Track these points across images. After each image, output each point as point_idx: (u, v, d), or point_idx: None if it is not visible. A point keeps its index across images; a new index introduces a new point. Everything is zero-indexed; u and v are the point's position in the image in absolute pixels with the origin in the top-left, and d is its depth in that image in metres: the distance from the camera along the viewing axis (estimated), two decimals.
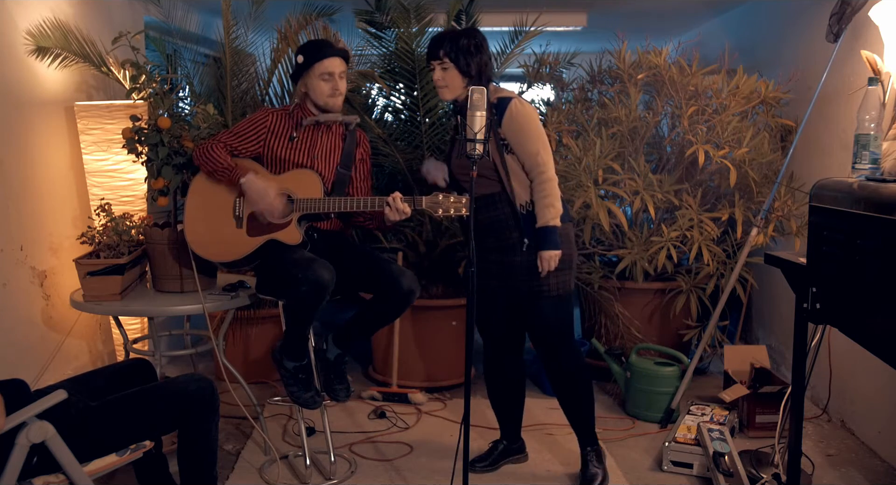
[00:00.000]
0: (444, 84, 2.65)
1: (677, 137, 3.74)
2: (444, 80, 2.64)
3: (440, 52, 2.62)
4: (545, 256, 2.62)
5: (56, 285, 3.10)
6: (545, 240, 2.63)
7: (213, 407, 2.16)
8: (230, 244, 2.68)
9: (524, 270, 2.66)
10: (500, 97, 2.66)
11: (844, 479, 2.89)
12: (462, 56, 2.60)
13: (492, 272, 2.72)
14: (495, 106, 2.63)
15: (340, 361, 2.78)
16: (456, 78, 2.63)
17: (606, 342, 3.83)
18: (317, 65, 2.67)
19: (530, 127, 2.64)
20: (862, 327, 1.98)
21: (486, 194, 2.67)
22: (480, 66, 2.64)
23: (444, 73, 2.64)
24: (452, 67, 2.62)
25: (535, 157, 2.62)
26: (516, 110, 2.62)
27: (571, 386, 2.80)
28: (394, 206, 2.56)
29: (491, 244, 2.70)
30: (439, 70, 2.64)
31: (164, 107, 2.93)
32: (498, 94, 2.67)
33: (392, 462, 3.01)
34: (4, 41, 2.83)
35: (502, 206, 2.67)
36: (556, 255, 2.63)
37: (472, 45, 2.63)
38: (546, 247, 2.62)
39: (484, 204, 2.68)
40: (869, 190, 1.90)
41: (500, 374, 2.93)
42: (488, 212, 2.68)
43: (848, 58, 3.19)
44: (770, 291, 4.06)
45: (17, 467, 1.84)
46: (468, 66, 2.61)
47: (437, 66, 2.65)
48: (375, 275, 2.66)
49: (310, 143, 2.75)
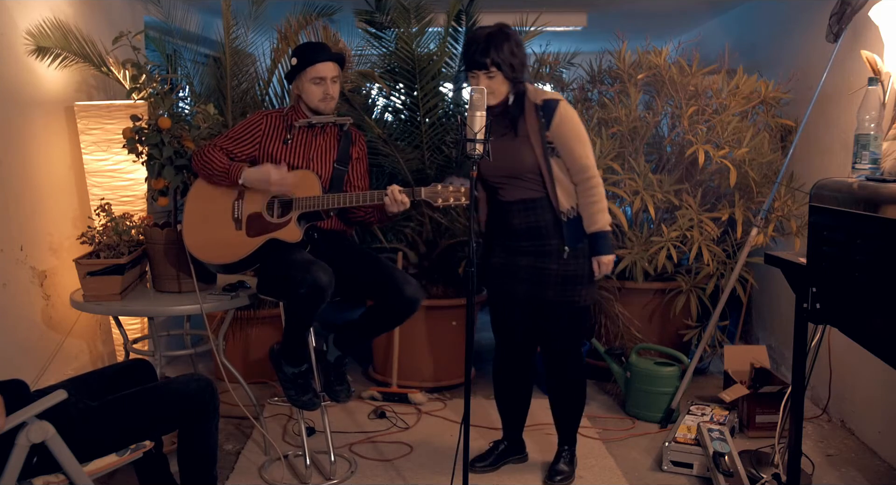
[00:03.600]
0: (490, 91, 2.52)
1: (677, 137, 3.74)
2: (490, 87, 2.52)
3: (487, 62, 2.50)
4: (603, 260, 2.63)
5: (56, 285, 3.10)
6: (601, 245, 2.62)
7: (213, 407, 2.16)
8: (230, 246, 2.68)
9: (558, 278, 2.63)
10: (546, 99, 2.59)
11: (844, 479, 2.89)
12: (509, 63, 2.51)
13: (520, 277, 2.67)
14: (542, 108, 2.57)
15: (341, 363, 2.78)
16: (502, 84, 2.55)
17: (606, 342, 3.83)
18: (309, 69, 2.66)
19: (579, 129, 2.60)
20: (862, 327, 1.98)
21: (527, 199, 2.62)
22: (523, 65, 2.57)
23: (489, 82, 2.53)
24: (499, 75, 2.53)
25: (583, 159, 2.59)
26: (565, 112, 2.57)
27: (571, 392, 2.83)
28: (392, 197, 2.55)
29: (525, 248, 2.66)
30: (484, 79, 2.53)
31: (165, 107, 2.93)
32: (543, 97, 2.60)
33: (392, 462, 3.01)
34: (4, 41, 2.83)
35: (543, 211, 2.61)
36: (612, 259, 2.64)
37: (514, 45, 2.54)
38: (602, 252, 2.62)
39: (522, 208, 2.62)
40: (869, 190, 1.90)
41: (511, 376, 2.91)
42: (527, 217, 2.62)
43: (848, 58, 3.19)
44: (770, 291, 4.06)
45: (17, 467, 1.84)
46: (514, 71, 2.53)
47: (481, 76, 2.53)
48: (380, 282, 2.65)
49: (305, 144, 2.76)
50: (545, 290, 2.64)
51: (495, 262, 2.74)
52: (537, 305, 2.70)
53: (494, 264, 2.75)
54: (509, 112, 2.60)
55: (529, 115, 2.58)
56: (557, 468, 2.85)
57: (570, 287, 2.63)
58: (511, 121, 2.59)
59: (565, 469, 2.85)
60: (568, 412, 2.87)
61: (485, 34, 2.55)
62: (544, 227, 2.62)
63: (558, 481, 2.81)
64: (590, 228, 2.63)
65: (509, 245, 2.69)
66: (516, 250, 2.68)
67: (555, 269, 2.62)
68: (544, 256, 2.63)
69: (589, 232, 2.63)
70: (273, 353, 2.70)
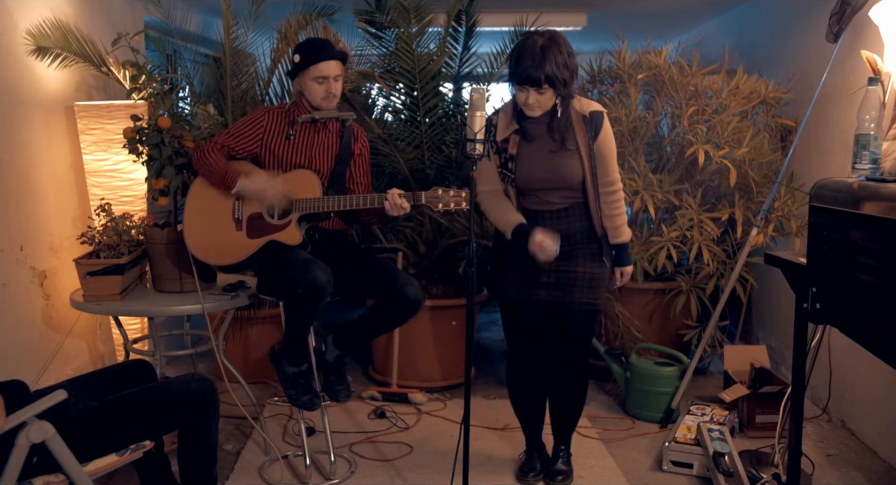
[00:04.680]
0: (539, 106, 2.48)
1: (677, 137, 3.74)
2: (539, 102, 2.46)
3: (541, 78, 2.39)
4: (626, 271, 2.71)
5: (56, 285, 3.10)
6: (625, 256, 2.70)
7: (213, 407, 2.16)
8: (231, 247, 2.68)
9: (583, 281, 2.62)
10: (594, 111, 2.56)
11: (844, 479, 2.89)
12: (562, 78, 2.42)
13: (542, 281, 2.63)
14: (589, 120, 2.55)
15: (340, 363, 2.78)
16: (551, 99, 2.48)
17: (606, 342, 3.83)
18: (312, 67, 2.65)
19: (613, 142, 2.63)
20: (862, 327, 1.98)
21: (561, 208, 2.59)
22: (574, 77, 2.48)
23: (539, 97, 2.45)
24: (550, 91, 2.44)
25: (615, 173, 2.63)
26: (608, 125, 2.58)
27: (575, 394, 2.84)
28: (391, 201, 2.54)
29: None
30: (535, 94, 2.44)
31: (165, 107, 2.92)
32: (589, 107, 2.56)
33: (392, 462, 3.01)
34: (4, 41, 2.83)
35: (573, 219, 2.60)
36: (632, 270, 2.74)
37: (567, 57, 2.43)
38: (626, 262, 2.70)
39: (555, 216, 2.59)
40: (869, 190, 1.90)
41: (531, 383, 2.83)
42: (557, 224, 2.58)
43: (848, 58, 3.19)
44: (770, 291, 4.06)
45: (17, 467, 1.84)
46: (566, 87, 2.45)
47: (532, 91, 2.44)
48: (382, 282, 2.64)
49: (307, 141, 2.75)
50: (570, 292, 2.62)
51: (513, 267, 2.67)
52: (559, 308, 2.66)
53: (513, 270, 2.67)
54: (557, 124, 2.53)
55: (578, 127, 2.55)
56: (557, 468, 2.85)
57: (594, 290, 2.64)
58: (560, 133, 2.54)
59: (565, 469, 2.85)
60: (570, 413, 2.86)
61: (538, 46, 2.41)
62: (574, 233, 2.60)
63: (559, 480, 2.81)
64: (615, 238, 2.66)
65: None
66: None
67: (580, 272, 2.62)
68: (569, 259, 2.61)
69: (614, 243, 2.67)
70: (273, 353, 2.70)
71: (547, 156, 2.55)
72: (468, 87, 4.18)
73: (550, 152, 2.55)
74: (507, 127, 2.60)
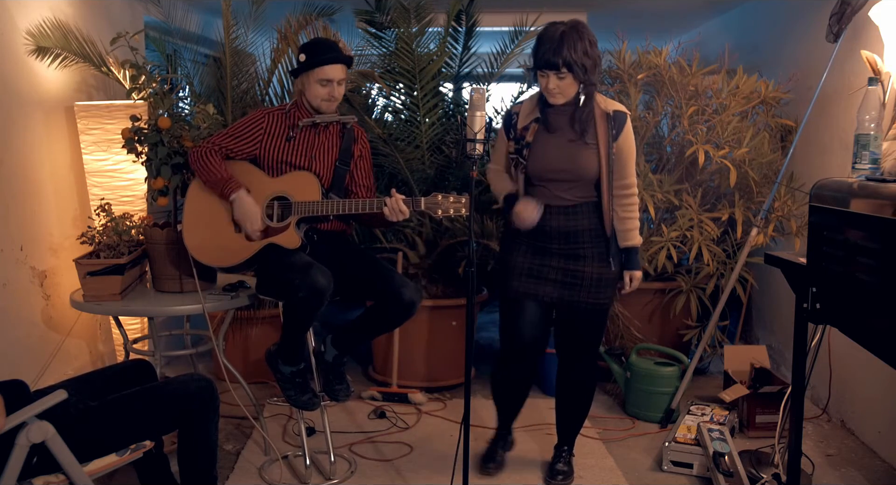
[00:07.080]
0: (559, 92, 2.48)
1: (677, 137, 3.74)
2: (560, 87, 2.47)
3: (559, 62, 2.41)
4: (636, 275, 2.68)
5: (56, 285, 3.10)
6: (635, 260, 2.68)
7: (213, 407, 2.16)
8: (229, 249, 2.67)
9: (592, 281, 2.62)
10: (617, 111, 2.57)
11: (844, 479, 2.89)
12: (582, 63, 2.42)
13: (550, 278, 2.64)
14: (613, 119, 2.55)
15: (339, 363, 2.78)
16: (571, 85, 2.48)
17: (606, 342, 3.83)
18: (318, 69, 2.63)
19: (634, 145, 2.63)
20: (862, 327, 1.98)
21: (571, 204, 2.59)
22: (596, 66, 2.48)
23: (559, 82, 2.46)
24: (569, 76, 2.44)
25: (632, 176, 2.63)
26: (630, 127, 2.59)
27: (583, 394, 2.84)
28: (391, 206, 2.54)
29: (554, 250, 2.62)
30: (555, 79, 2.45)
31: (164, 107, 2.92)
32: (613, 107, 2.57)
33: (392, 462, 3.01)
34: (4, 41, 2.83)
35: (583, 216, 2.60)
36: (641, 274, 2.71)
37: (588, 45, 2.44)
38: (636, 266, 2.68)
39: (563, 211, 2.60)
40: (869, 190, 1.90)
41: (519, 378, 2.84)
42: (567, 220, 2.59)
43: (848, 58, 3.19)
44: (770, 291, 4.06)
45: (17, 467, 1.84)
46: (586, 73, 2.45)
47: (552, 75, 2.45)
48: (378, 284, 2.64)
49: (307, 143, 2.74)
50: (579, 292, 2.63)
51: (520, 261, 2.67)
52: (566, 308, 2.66)
53: (520, 264, 2.67)
54: (579, 116, 2.54)
55: (600, 123, 2.54)
56: (557, 468, 2.85)
57: (603, 290, 2.64)
58: (581, 125, 2.54)
59: (565, 469, 2.85)
60: (576, 414, 2.87)
61: (559, 32, 2.43)
62: (582, 232, 2.60)
63: (559, 480, 2.81)
64: (626, 241, 2.65)
65: (540, 246, 2.64)
66: (545, 251, 2.64)
67: (588, 272, 2.62)
68: (577, 259, 2.61)
69: (623, 245, 2.65)
70: (270, 354, 2.70)
71: (565, 146, 2.55)
72: (468, 87, 4.18)
73: (569, 141, 2.56)
74: (529, 115, 2.62)
